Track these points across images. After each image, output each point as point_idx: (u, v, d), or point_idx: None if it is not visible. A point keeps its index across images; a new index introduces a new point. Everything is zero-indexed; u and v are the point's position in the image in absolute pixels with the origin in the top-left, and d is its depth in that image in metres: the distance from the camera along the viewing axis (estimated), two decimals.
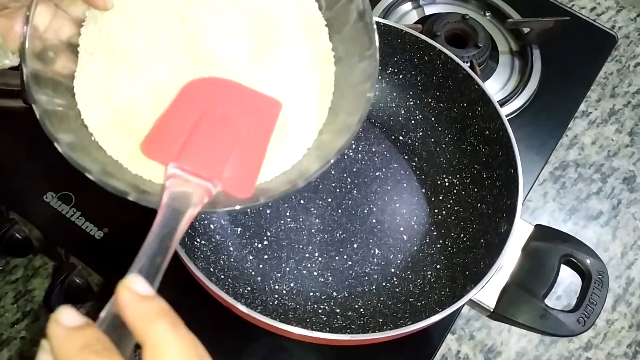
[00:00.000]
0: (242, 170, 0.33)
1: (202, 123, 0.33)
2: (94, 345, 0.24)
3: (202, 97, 0.34)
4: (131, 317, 0.25)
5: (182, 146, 0.31)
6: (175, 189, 0.30)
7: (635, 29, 1.00)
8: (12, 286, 0.74)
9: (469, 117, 0.60)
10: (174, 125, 0.33)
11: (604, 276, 0.53)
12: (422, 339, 0.57)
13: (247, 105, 0.35)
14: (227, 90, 0.35)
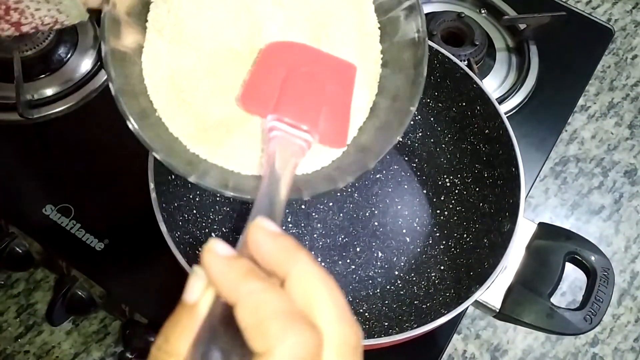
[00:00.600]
0: (334, 124, 0.35)
1: (291, 79, 0.34)
2: (256, 271, 0.24)
3: (285, 57, 0.36)
4: (269, 253, 0.25)
5: (277, 100, 0.33)
6: (280, 140, 0.32)
7: (632, 21, 1.00)
8: (14, 300, 0.74)
9: (468, 116, 0.60)
10: (266, 81, 0.35)
11: (609, 273, 0.52)
12: (429, 340, 0.57)
13: (327, 66, 0.37)
14: (307, 53, 0.37)
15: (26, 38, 0.68)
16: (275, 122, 0.33)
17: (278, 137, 0.32)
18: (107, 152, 0.66)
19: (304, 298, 0.24)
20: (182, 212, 0.56)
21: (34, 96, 0.68)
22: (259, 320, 0.22)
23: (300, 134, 0.33)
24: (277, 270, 0.25)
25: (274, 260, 0.25)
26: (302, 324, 0.22)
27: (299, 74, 0.35)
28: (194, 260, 0.52)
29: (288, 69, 0.35)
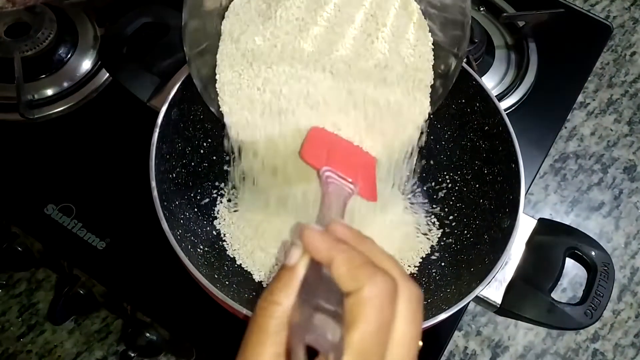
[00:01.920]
0: (367, 184, 0.46)
1: (334, 150, 0.47)
2: (343, 239, 0.32)
3: (329, 137, 0.49)
4: (348, 235, 0.33)
5: (327, 159, 0.45)
6: (335, 185, 0.43)
7: (630, 17, 1.00)
8: (16, 300, 0.74)
9: (467, 113, 0.60)
10: (318, 146, 0.47)
11: (610, 268, 0.52)
12: (430, 336, 0.57)
13: (354, 148, 0.50)
14: (341, 140, 0.50)
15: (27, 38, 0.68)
16: (329, 172, 0.44)
17: (334, 182, 0.43)
18: (108, 151, 0.66)
19: (380, 262, 0.31)
20: (183, 210, 0.56)
21: (35, 96, 0.68)
22: (351, 268, 0.29)
23: (347, 183, 0.43)
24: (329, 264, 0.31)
25: (352, 238, 0.32)
26: (384, 272, 0.30)
27: (340, 149, 0.48)
28: (196, 259, 0.52)
29: (331, 145, 0.48)
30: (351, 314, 0.29)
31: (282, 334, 0.29)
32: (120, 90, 0.58)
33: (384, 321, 0.29)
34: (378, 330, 0.28)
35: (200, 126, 0.59)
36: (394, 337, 0.29)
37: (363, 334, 0.28)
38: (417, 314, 0.31)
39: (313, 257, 0.31)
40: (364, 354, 0.28)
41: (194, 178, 0.59)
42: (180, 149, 0.57)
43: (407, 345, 0.30)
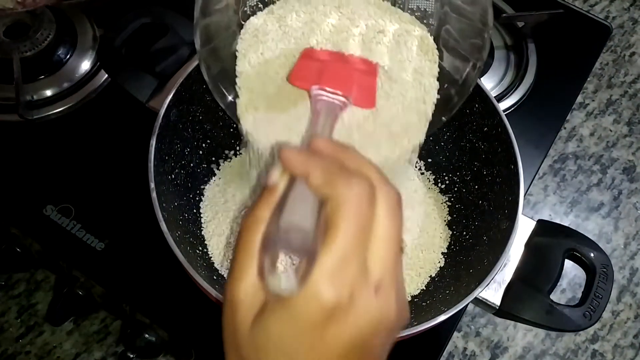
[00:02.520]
0: (363, 93, 0.45)
1: (326, 67, 0.44)
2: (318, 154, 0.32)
3: (321, 55, 0.47)
4: (328, 148, 0.33)
5: (319, 76, 0.43)
6: (324, 101, 0.42)
7: (630, 18, 1.00)
8: (15, 301, 0.74)
9: (466, 114, 0.60)
10: (308, 67, 0.45)
11: (609, 269, 0.52)
12: (429, 337, 0.57)
13: (354, 60, 0.47)
14: (336, 53, 0.47)
15: (26, 39, 0.68)
16: (318, 90, 0.42)
17: (323, 99, 0.42)
18: (107, 152, 0.66)
19: (358, 167, 0.31)
20: (182, 211, 0.56)
21: (34, 97, 0.68)
22: (327, 176, 0.30)
23: (338, 97, 0.42)
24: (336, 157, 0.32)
25: (332, 151, 0.33)
26: (361, 177, 0.30)
27: (333, 64, 0.45)
28: (195, 260, 0.52)
29: (323, 62, 0.45)
30: (329, 218, 0.29)
31: None
32: (119, 91, 0.58)
33: (362, 222, 0.29)
34: (357, 231, 0.28)
35: (199, 127, 0.59)
36: (374, 237, 0.29)
37: (342, 235, 0.28)
38: (397, 215, 0.31)
39: (291, 173, 0.31)
40: (343, 255, 0.28)
41: (193, 179, 0.59)
42: (179, 150, 0.57)
43: (389, 245, 0.30)
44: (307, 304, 0.28)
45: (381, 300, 0.29)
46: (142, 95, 0.57)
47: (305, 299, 0.28)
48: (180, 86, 0.54)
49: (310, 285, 0.28)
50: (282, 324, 0.28)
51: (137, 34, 0.60)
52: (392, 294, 0.30)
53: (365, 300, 0.28)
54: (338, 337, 0.28)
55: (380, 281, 0.29)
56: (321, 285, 0.27)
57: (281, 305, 0.28)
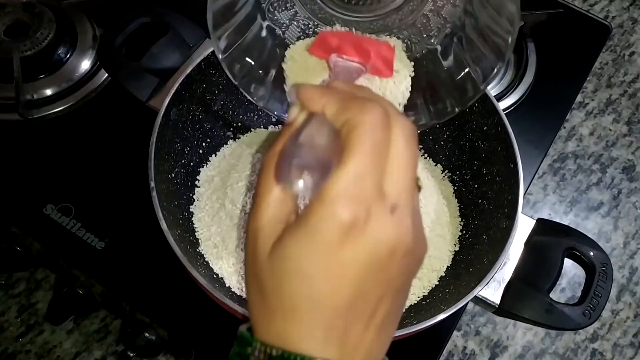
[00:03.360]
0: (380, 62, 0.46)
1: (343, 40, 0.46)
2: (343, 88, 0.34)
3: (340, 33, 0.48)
4: (344, 86, 0.34)
5: (337, 46, 0.45)
6: (341, 67, 0.43)
7: (629, 17, 1.00)
8: (15, 300, 0.74)
9: (466, 114, 0.60)
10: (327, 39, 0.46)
11: (608, 268, 0.53)
12: (428, 336, 0.57)
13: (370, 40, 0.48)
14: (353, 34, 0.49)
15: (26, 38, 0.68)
16: (336, 58, 0.44)
17: (340, 65, 0.44)
18: (107, 151, 0.66)
19: (373, 98, 0.32)
20: (182, 210, 0.56)
21: (34, 96, 0.68)
22: (343, 103, 0.30)
23: (355, 64, 0.43)
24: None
25: (347, 87, 0.34)
26: (375, 104, 0.30)
27: (351, 37, 0.47)
28: (194, 258, 0.52)
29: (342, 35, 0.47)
30: (345, 140, 0.29)
31: None
32: (119, 90, 0.58)
33: (377, 142, 0.29)
34: (372, 151, 0.29)
35: (199, 126, 0.59)
36: (390, 160, 0.29)
37: (357, 154, 0.28)
38: (412, 143, 0.31)
39: (309, 108, 0.32)
40: (359, 173, 0.28)
41: (193, 178, 0.59)
42: (179, 149, 0.57)
43: (405, 169, 0.30)
44: (323, 223, 0.28)
45: (397, 222, 0.29)
46: (142, 95, 0.57)
47: (322, 218, 0.28)
48: (180, 85, 0.54)
49: (326, 202, 0.28)
50: (299, 246, 0.28)
51: (137, 34, 0.60)
52: (407, 217, 0.30)
53: (381, 219, 0.28)
54: (354, 257, 0.28)
55: (397, 202, 0.29)
56: (337, 204, 0.28)
57: (297, 227, 0.29)
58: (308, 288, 0.28)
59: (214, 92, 0.59)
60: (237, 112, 0.62)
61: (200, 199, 0.57)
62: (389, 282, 0.30)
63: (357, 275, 0.29)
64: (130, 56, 0.59)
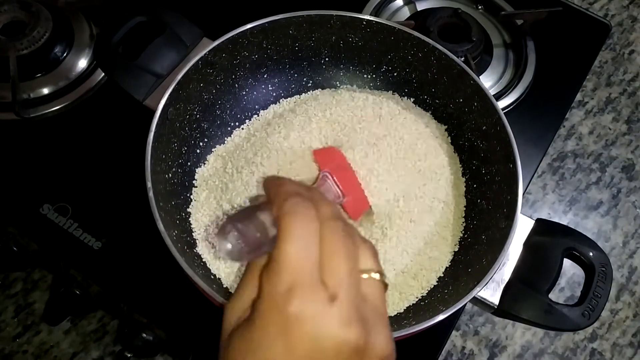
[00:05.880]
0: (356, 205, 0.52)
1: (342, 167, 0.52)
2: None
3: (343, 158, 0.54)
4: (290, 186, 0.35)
5: (335, 167, 0.51)
6: (328, 183, 0.49)
7: (629, 16, 1.00)
8: (12, 300, 0.74)
9: (465, 113, 0.59)
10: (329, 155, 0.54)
11: (607, 268, 0.52)
12: (427, 336, 0.57)
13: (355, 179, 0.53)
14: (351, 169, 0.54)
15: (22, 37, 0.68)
16: (329, 174, 0.50)
17: (328, 182, 0.50)
18: (104, 151, 0.66)
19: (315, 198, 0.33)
20: (179, 210, 0.56)
21: (30, 95, 0.68)
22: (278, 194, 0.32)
23: (338, 190, 0.49)
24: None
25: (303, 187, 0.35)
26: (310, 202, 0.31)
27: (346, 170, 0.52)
28: (192, 259, 0.52)
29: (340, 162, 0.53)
30: (278, 231, 0.30)
31: None
32: (115, 89, 0.58)
33: (307, 232, 0.30)
34: (303, 239, 0.29)
35: (196, 126, 0.58)
36: (325, 252, 0.30)
37: (287, 245, 0.29)
38: (345, 236, 0.31)
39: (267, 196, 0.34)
40: (292, 262, 0.29)
41: (191, 178, 0.58)
42: (176, 149, 0.56)
43: (339, 259, 0.30)
44: (261, 318, 0.29)
45: (337, 312, 0.28)
46: (139, 94, 0.57)
47: (260, 313, 0.29)
48: (177, 84, 0.54)
49: (264, 296, 0.29)
50: (242, 339, 0.30)
51: (133, 32, 0.60)
52: (349, 308, 0.29)
53: (315, 309, 0.28)
54: (292, 350, 0.28)
55: (335, 292, 0.29)
56: (273, 296, 0.28)
57: (246, 320, 0.30)
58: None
59: (211, 91, 0.59)
60: (234, 111, 0.62)
61: (197, 199, 0.57)
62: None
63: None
64: (126, 55, 0.59)
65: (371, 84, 0.65)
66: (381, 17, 0.79)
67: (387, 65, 0.63)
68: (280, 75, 0.63)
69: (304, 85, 0.64)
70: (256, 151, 0.56)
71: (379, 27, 0.60)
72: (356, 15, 0.59)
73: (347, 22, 0.60)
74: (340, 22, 0.60)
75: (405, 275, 0.53)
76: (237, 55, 0.59)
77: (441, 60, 0.59)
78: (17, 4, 0.70)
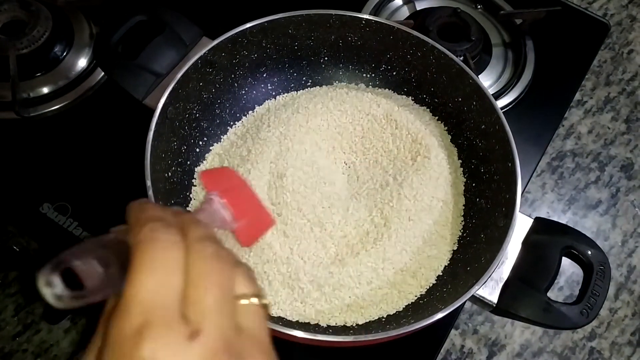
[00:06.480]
0: (250, 231, 0.44)
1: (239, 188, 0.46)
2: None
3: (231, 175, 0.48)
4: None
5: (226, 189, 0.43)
6: (214, 207, 0.41)
7: (628, 15, 1.00)
8: (12, 299, 0.74)
9: (464, 112, 0.60)
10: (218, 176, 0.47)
11: (606, 267, 0.52)
12: (426, 335, 0.57)
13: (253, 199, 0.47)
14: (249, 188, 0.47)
15: (22, 36, 0.68)
16: (216, 197, 0.41)
17: (214, 203, 0.41)
18: (104, 150, 0.66)
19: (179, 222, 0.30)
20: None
21: (30, 94, 0.68)
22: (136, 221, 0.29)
23: (225, 215, 0.41)
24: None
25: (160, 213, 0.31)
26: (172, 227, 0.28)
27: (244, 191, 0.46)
28: None
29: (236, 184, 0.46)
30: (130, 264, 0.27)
31: None
32: (115, 88, 0.58)
33: (165, 259, 0.27)
34: (159, 268, 0.26)
35: (196, 125, 0.59)
36: (189, 282, 0.27)
37: (142, 276, 0.26)
38: (213, 262, 0.28)
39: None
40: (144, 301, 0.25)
41: (190, 177, 0.58)
42: (176, 148, 0.57)
43: (205, 288, 0.27)
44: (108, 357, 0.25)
45: (199, 350, 0.25)
46: (139, 93, 0.57)
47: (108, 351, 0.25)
48: (177, 84, 0.54)
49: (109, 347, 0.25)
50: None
51: (133, 32, 0.60)
52: (217, 343, 0.26)
53: (171, 350, 0.25)
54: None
55: (199, 328, 0.26)
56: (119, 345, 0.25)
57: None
58: None
59: (211, 90, 0.59)
60: (234, 110, 0.62)
61: (196, 198, 0.57)
62: None
63: None
64: (126, 54, 0.59)
65: (370, 83, 0.65)
66: (380, 16, 0.79)
67: (386, 64, 0.63)
68: (280, 74, 0.63)
69: (303, 84, 0.65)
70: (249, 148, 0.56)
71: (378, 27, 0.60)
72: (355, 15, 0.59)
73: (347, 21, 0.60)
74: (340, 21, 0.60)
75: (404, 274, 0.54)
76: (237, 55, 0.59)
77: (440, 59, 0.59)
78: (17, 3, 0.70)
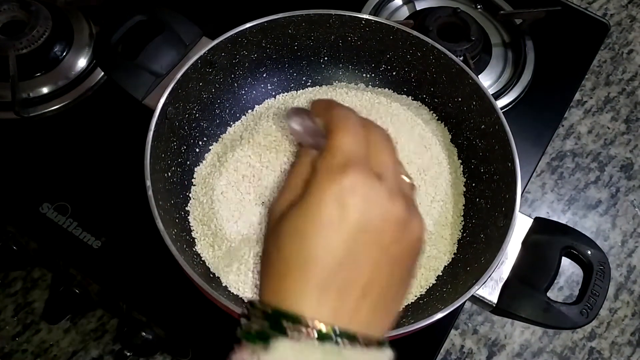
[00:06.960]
0: None
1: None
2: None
3: None
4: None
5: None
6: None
7: (628, 15, 1.00)
8: (11, 299, 0.74)
9: (464, 112, 0.60)
10: None
11: (606, 267, 0.52)
12: (426, 335, 0.57)
13: None
14: None
15: (22, 36, 0.68)
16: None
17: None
18: (104, 150, 0.66)
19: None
20: (178, 209, 0.56)
21: (30, 94, 0.68)
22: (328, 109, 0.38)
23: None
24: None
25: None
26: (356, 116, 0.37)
27: None
28: (191, 258, 0.52)
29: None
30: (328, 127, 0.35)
31: None
32: (115, 88, 0.58)
33: (357, 128, 0.35)
34: (353, 130, 0.34)
35: (195, 125, 0.59)
36: (371, 149, 0.34)
37: (340, 135, 0.34)
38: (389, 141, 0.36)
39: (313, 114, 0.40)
40: (344, 145, 0.33)
41: (190, 177, 0.58)
42: (176, 148, 0.56)
43: (385, 152, 0.35)
44: (316, 187, 0.32)
45: (385, 187, 0.32)
46: (138, 93, 0.57)
47: (315, 184, 0.32)
48: (177, 84, 0.54)
49: (317, 172, 0.33)
50: (298, 209, 0.32)
51: (133, 31, 0.60)
52: (394, 186, 0.33)
53: (369, 182, 0.32)
54: (344, 215, 0.31)
55: (381, 173, 0.33)
56: (329, 171, 0.32)
57: (301, 195, 0.33)
58: (300, 245, 0.31)
59: (211, 90, 0.59)
60: (234, 110, 0.62)
61: (196, 197, 0.57)
62: (382, 248, 0.32)
63: (347, 234, 0.31)
64: (126, 54, 0.59)
65: (370, 82, 0.65)
66: (380, 16, 0.79)
67: (386, 64, 0.63)
68: (280, 74, 0.63)
69: (302, 84, 0.64)
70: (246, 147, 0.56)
71: (378, 26, 0.60)
72: (355, 15, 0.59)
73: (346, 21, 0.60)
74: (339, 21, 0.60)
75: None
76: (237, 55, 0.59)
77: (440, 59, 0.59)
78: (17, 3, 0.70)
